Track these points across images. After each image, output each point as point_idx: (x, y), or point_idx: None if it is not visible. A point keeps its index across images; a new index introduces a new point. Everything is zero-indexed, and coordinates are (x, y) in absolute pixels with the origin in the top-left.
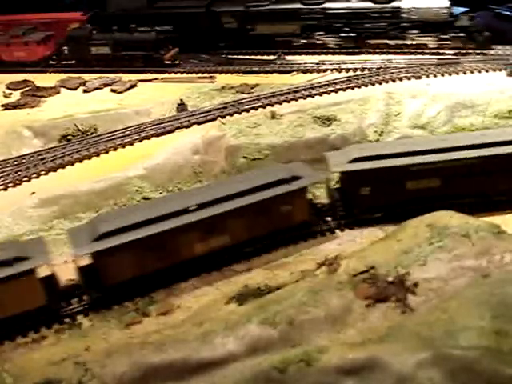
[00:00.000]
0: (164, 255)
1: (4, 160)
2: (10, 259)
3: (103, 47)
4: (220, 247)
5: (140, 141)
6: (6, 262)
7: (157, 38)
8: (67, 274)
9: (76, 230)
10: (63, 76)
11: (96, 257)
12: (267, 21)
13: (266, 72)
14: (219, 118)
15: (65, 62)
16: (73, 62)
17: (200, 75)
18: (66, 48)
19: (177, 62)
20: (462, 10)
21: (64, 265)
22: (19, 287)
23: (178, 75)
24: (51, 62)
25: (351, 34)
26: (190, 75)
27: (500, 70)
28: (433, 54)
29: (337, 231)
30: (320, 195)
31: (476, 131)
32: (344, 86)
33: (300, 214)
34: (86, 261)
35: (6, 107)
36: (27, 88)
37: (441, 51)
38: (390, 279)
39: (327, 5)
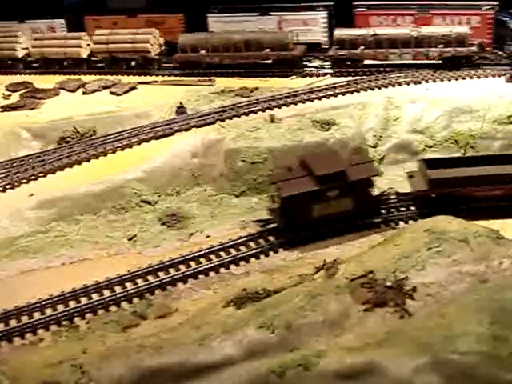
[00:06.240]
0: None
1: (3, 162)
2: None
3: None
4: None
5: (139, 143)
6: None
7: None
8: None
9: None
10: (63, 78)
11: None
12: None
13: None
14: (218, 122)
15: None
16: None
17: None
18: None
19: None
20: None
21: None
22: None
23: (178, 78)
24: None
25: None
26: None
27: (499, 75)
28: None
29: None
30: None
31: None
32: (343, 91)
33: None
34: None
35: (5, 109)
36: (26, 89)
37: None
38: (389, 284)
39: None
